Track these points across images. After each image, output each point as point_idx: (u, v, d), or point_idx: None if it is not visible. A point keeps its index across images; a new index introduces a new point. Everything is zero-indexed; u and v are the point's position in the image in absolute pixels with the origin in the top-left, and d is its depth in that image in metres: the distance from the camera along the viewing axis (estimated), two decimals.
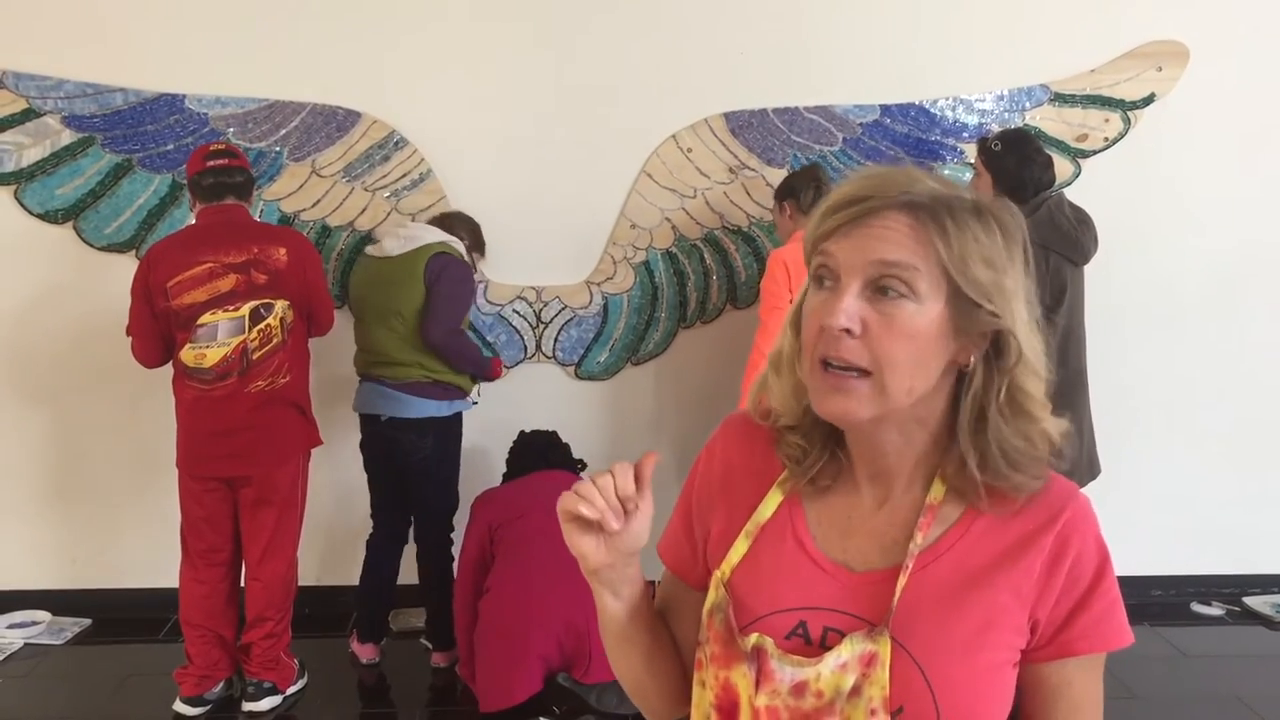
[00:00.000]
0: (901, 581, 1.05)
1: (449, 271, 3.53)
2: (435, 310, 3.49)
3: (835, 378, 1.02)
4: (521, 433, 3.81)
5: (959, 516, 1.09)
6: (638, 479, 1.06)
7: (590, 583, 1.13)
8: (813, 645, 1.07)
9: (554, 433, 3.80)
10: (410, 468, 3.63)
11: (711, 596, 1.13)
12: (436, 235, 3.61)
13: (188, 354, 3.24)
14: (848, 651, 1.03)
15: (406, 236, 3.58)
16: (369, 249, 3.69)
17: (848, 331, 1.01)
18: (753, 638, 1.08)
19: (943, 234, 1.01)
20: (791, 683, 1.04)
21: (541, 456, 3.68)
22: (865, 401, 1.02)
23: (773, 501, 1.15)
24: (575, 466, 3.73)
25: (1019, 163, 3.35)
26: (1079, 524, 1.07)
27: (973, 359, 1.05)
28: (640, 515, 1.07)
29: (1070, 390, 3.31)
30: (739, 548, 1.14)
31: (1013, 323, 1.03)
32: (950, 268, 1.01)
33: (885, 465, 1.10)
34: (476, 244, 3.83)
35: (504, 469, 3.79)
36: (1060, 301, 3.27)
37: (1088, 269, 3.41)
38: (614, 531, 1.05)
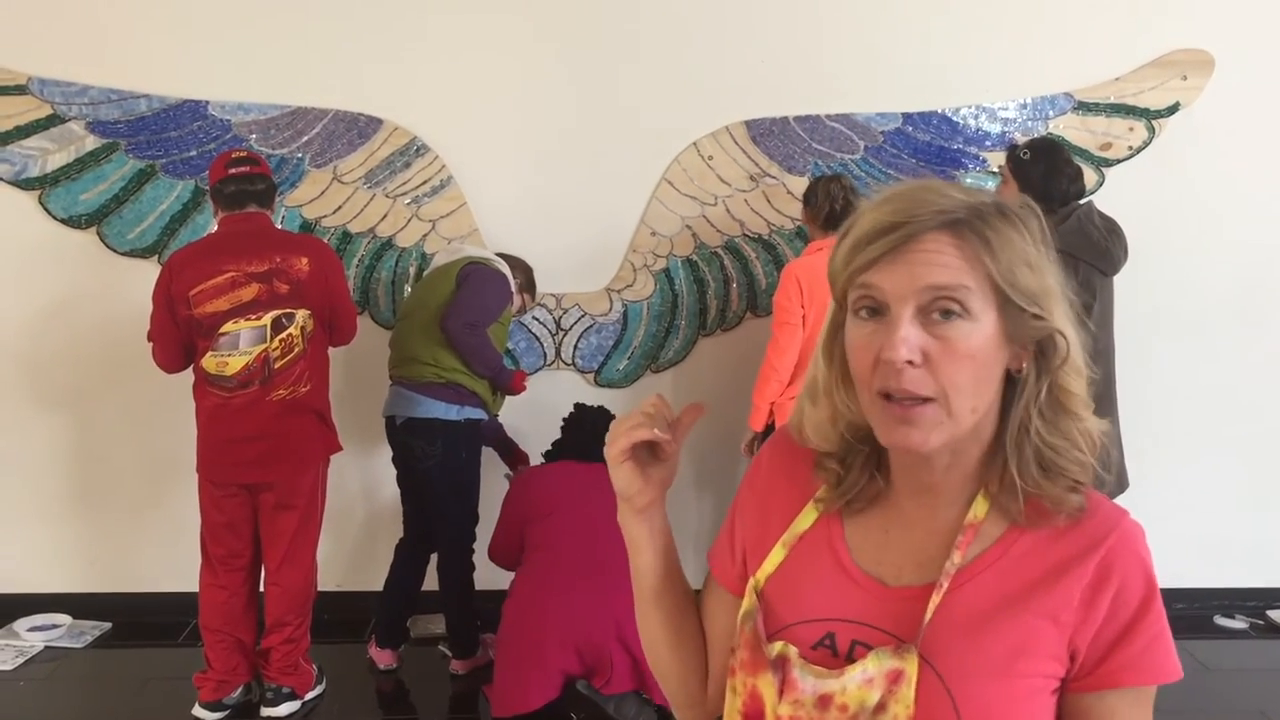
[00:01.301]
0: (935, 600, 1.03)
1: (478, 272, 3.57)
2: (456, 303, 3.50)
3: (901, 409, 1.00)
4: (583, 406, 3.75)
5: (1000, 536, 1.06)
6: (679, 420, 1.13)
7: (632, 526, 1.18)
8: (839, 657, 1.05)
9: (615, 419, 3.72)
10: (421, 474, 3.60)
11: (745, 603, 1.13)
12: (483, 253, 3.66)
13: (209, 361, 3.25)
14: (874, 666, 1.02)
15: (454, 249, 3.67)
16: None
17: (910, 363, 0.98)
18: (777, 645, 1.07)
19: (988, 247, 0.99)
20: (816, 694, 1.03)
21: (593, 444, 3.60)
22: (935, 429, 1.00)
23: (810, 515, 1.15)
24: None
25: (1047, 173, 3.33)
26: (1124, 551, 1.03)
27: (1024, 364, 1.04)
28: (675, 450, 1.14)
29: (1098, 401, 3.28)
30: (775, 556, 1.14)
31: (1061, 322, 1.02)
32: (1000, 280, 0.99)
33: (932, 482, 1.08)
34: (528, 284, 3.85)
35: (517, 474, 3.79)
36: (1088, 312, 3.25)
37: (1114, 278, 3.39)
38: (669, 455, 1.13)
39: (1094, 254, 3.26)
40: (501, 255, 3.76)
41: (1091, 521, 1.05)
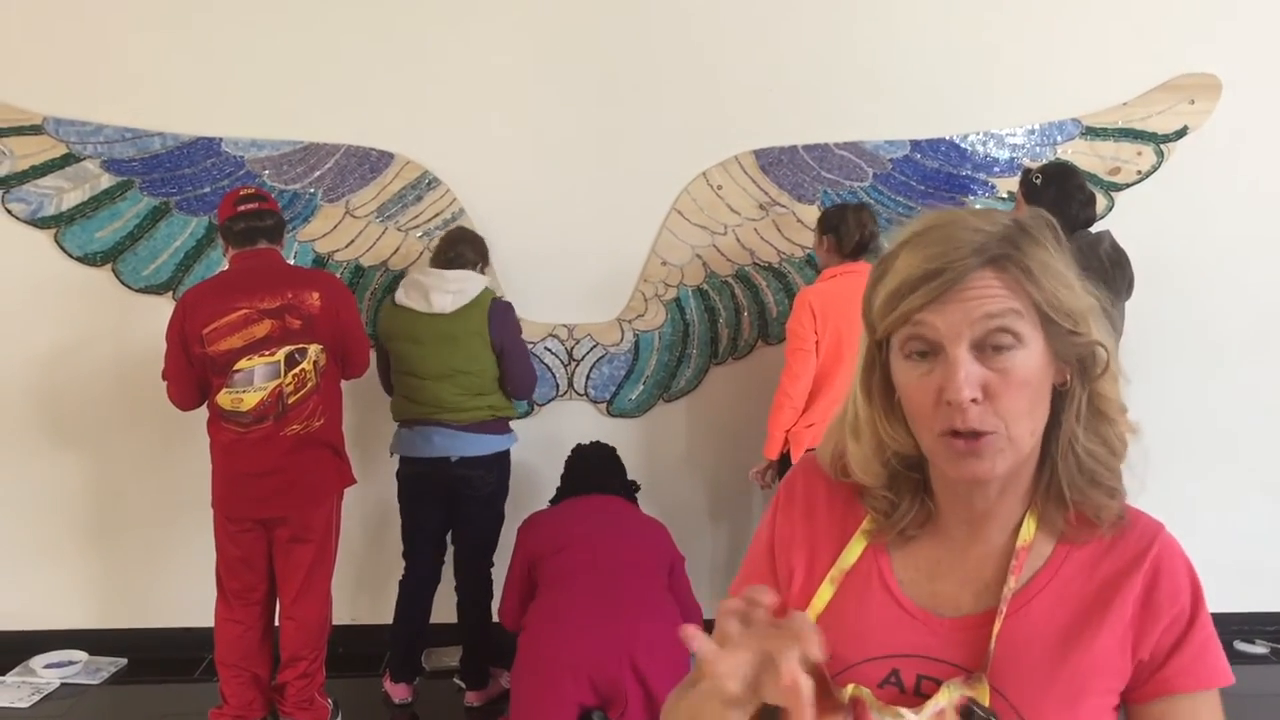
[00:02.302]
0: (997, 626, 1.04)
1: (509, 327, 3.67)
2: (517, 371, 3.68)
3: (966, 443, 1.01)
4: (579, 446, 3.78)
5: (1049, 556, 1.08)
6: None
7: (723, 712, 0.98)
8: (907, 694, 1.05)
9: (612, 450, 3.76)
10: (475, 504, 3.70)
11: None
12: (477, 283, 3.64)
13: (224, 398, 3.27)
14: (945, 699, 1.02)
15: (456, 291, 3.58)
16: (407, 302, 3.60)
17: (974, 401, 0.99)
18: (849, 688, 1.06)
19: (1030, 276, 1.02)
20: None
21: (594, 478, 3.64)
22: (999, 459, 1.01)
23: (856, 548, 1.13)
24: (630, 490, 3.71)
25: (1057, 198, 3.33)
26: (1167, 560, 1.06)
27: (1068, 378, 1.06)
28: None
29: None
30: (823, 594, 1.12)
31: (1100, 334, 1.05)
32: (1045, 306, 1.02)
33: (985, 509, 1.09)
34: (485, 259, 3.81)
35: (535, 507, 3.78)
36: None
37: (1126, 305, 3.38)
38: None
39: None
40: (452, 243, 3.70)
41: (1133, 533, 1.08)
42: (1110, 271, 3.28)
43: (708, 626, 1.19)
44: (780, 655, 0.89)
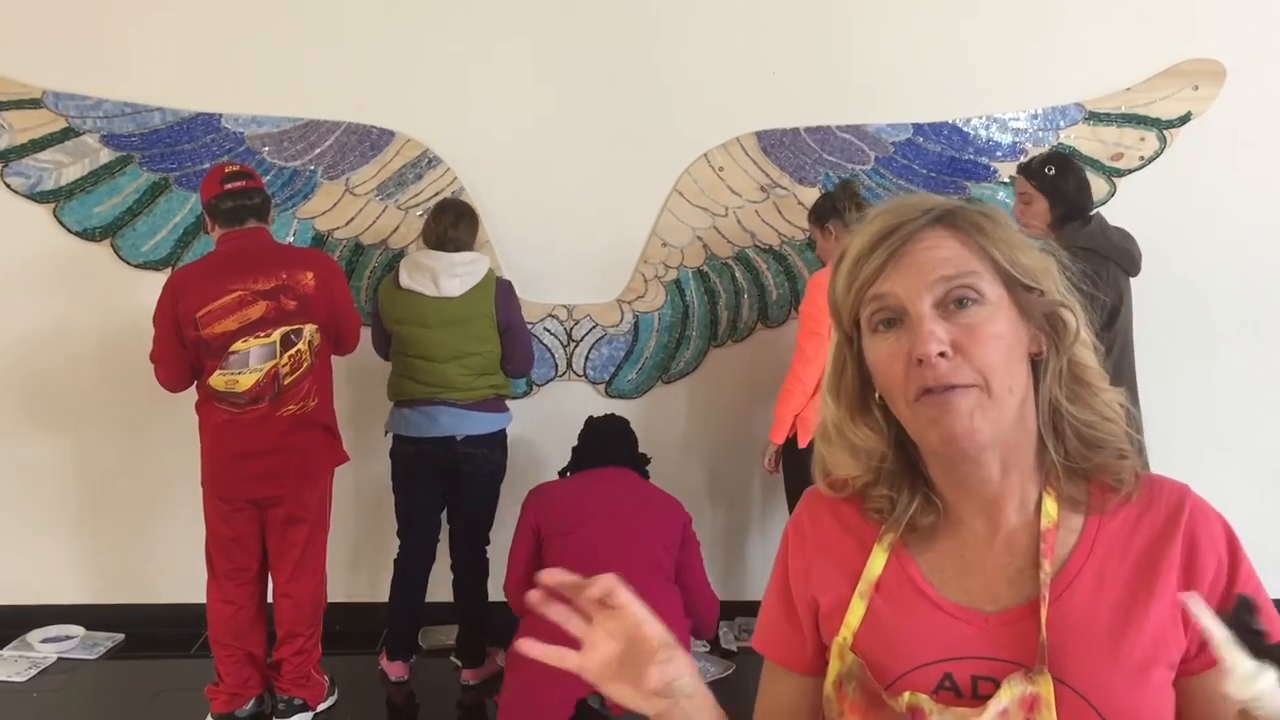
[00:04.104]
0: (1044, 615, 1.01)
1: (513, 307, 3.70)
2: (519, 350, 3.73)
3: (941, 398, 0.99)
4: (590, 418, 3.76)
5: (1079, 534, 1.05)
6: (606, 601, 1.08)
7: None
8: (964, 697, 1.02)
9: (625, 422, 3.72)
10: (476, 483, 3.72)
11: (836, 666, 1.08)
12: (483, 264, 3.64)
13: (218, 379, 3.24)
14: (1007, 697, 0.99)
15: (464, 273, 3.58)
16: (412, 285, 3.56)
17: (942, 355, 0.98)
18: (905, 696, 1.02)
19: (982, 233, 1.03)
20: None
21: (605, 450, 3.60)
22: (977, 412, 0.99)
23: (879, 559, 1.10)
24: (641, 463, 3.68)
25: (1079, 185, 3.38)
26: (1201, 519, 1.05)
27: (1043, 345, 1.05)
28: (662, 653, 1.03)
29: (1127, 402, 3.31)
30: (856, 610, 1.09)
31: (1064, 295, 1.05)
32: (1002, 260, 1.02)
33: (991, 492, 1.06)
34: (477, 233, 3.76)
35: (531, 486, 3.78)
36: (1118, 312, 3.29)
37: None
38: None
39: (1119, 254, 3.30)
40: (449, 216, 3.63)
41: (1160, 499, 1.06)
42: (1126, 240, 3.35)
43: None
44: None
